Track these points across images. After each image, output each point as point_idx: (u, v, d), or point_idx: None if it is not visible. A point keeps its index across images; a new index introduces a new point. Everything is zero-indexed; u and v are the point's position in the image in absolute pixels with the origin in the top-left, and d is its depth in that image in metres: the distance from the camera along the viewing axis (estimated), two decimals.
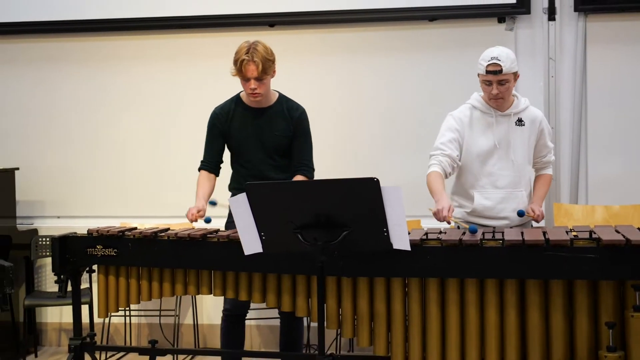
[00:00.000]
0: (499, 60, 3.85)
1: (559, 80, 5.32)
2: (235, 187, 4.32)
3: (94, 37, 5.82)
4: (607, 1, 5.17)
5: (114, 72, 5.84)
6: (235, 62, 4.08)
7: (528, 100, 4.12)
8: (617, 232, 3.21)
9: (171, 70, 5.74)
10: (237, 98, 4.33)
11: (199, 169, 4.34)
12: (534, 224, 4.10)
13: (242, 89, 4.24)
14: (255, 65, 4.02)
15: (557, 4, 5.26)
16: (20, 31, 5.89)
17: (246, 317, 4.42)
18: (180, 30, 5.69)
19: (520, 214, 3.94)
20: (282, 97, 4.32)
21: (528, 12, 5.26)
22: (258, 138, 4.24)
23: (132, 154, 5.81)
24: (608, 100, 5.28)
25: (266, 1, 5.55)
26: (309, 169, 4.29)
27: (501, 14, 5.32)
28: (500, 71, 3.86)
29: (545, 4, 5.28)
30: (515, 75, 3.97)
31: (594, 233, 3.18)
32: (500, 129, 4.01)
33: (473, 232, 3.40)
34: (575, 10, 5.23)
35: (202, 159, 4.36)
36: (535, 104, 5.20)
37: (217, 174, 4.35)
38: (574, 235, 3.18)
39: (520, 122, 4.03)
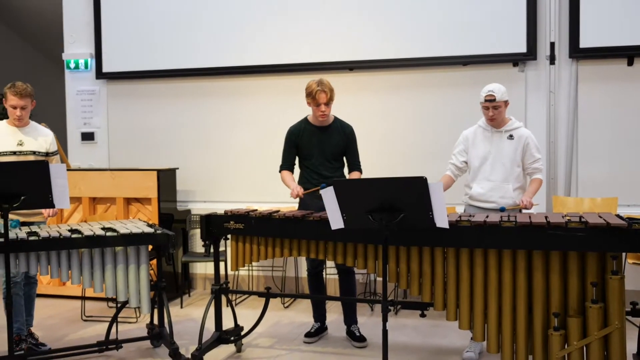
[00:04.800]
0: (493, 92, 3.86)
1: (558, 108, 5.18)
2: (302, 182, 4.30)
3: (227, 78, 5.91)
4: (593, 50, 5.02)
5: (241, 102, 5.90)
6: (309, 93, 4.11)
7: (522, 124, 4.05)
8: (600, 217, 3.14)
9: (278, 101, 5.76)
10: (305, 120, 4.33)
11: (280, 171, 4.32)
12: (532, 210, 3.99)
13: (309, 114, 4.26)
14: (325, 94, 4.08)
15: (556, 52, 5.13)
16: (180, 75, 6.02)
17: (323, 272, 4.45)
18: (287, 73, 5.71)
19: (502, 209, 3.81)
20: (336, 119, 4.31)
21: (535, 58, 5.15)
22: (321, 148, 4.23)
23: (253, 157, 5.86)
24: (593, 121, 5.13)
25: (347, 51, 5.54)
26: (359, 165, 4.32)
27: (515, 60, 5.21)
28: (494, 100, 3.86)
29: (548, 52, 5.15)
30: (506, 103, 3.94)
31: (583, 218, 3.09)
32: (494, 141, 3.97)
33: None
34: (570, 57, 5.10)
35: (280, 163, 4.34)
36: (539, 124, 5.12)
37: (292, 171, 4.34)
38: (568, 219, 3.09)
39: (511, 137, 3.96)
